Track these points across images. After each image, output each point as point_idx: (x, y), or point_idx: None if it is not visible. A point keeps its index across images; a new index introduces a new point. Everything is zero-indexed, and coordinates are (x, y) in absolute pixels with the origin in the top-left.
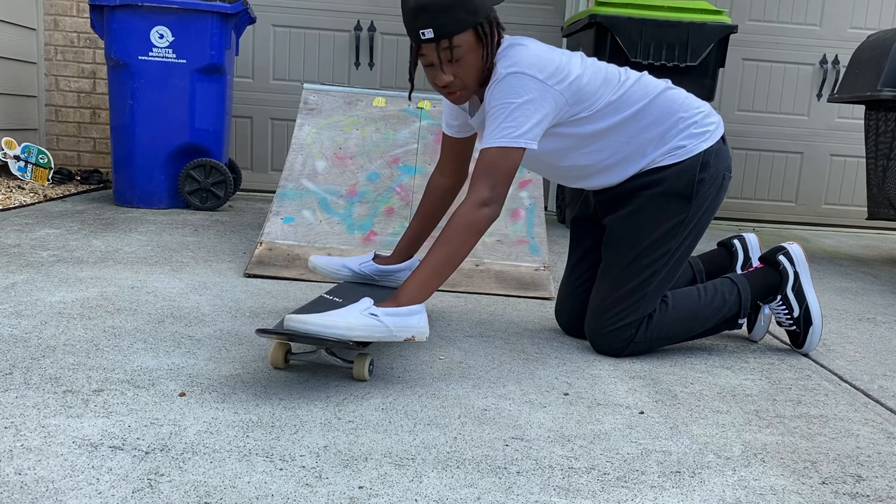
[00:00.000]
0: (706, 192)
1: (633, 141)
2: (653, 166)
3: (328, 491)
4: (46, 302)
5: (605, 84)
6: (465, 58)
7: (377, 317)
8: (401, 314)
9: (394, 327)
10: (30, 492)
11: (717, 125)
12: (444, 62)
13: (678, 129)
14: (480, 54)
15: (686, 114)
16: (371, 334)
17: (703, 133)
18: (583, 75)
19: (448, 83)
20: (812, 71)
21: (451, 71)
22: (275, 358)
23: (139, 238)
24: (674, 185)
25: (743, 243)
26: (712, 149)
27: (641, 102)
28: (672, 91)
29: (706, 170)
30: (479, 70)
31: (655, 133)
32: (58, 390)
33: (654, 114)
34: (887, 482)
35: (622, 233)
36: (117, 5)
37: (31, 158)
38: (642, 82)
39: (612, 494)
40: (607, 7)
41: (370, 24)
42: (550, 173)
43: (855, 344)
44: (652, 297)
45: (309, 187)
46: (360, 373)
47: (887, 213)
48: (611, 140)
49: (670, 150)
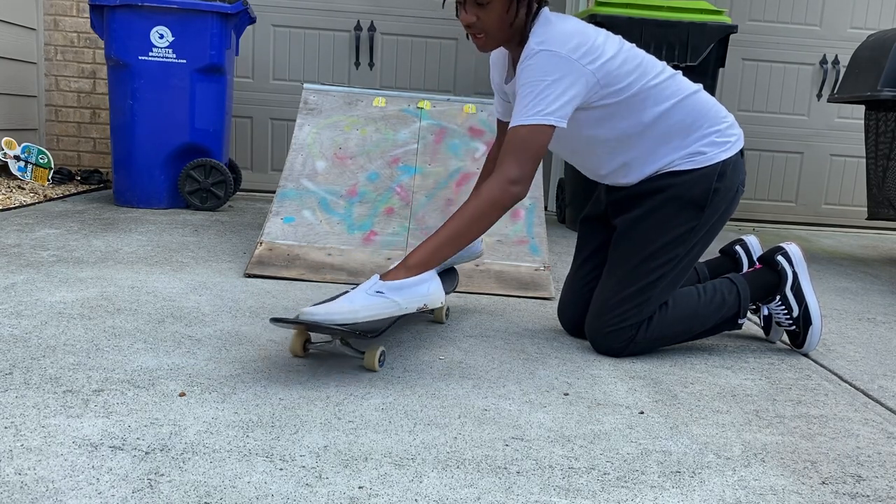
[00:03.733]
0: (719, 202)
1: (656, 137)
2: (670, 169)
3: (328, 491)
4: (46, 302)
5: (640, 71)
6: (492, 5)
7: (383, 294)
8: (407, 286)
9: (402, 301)
10: (30, 492)
11: (738, 137)
12: (469, 2)
13: (701, 135)
14: (508, 7)
15: (712, 121)
16: (378, 312)
17: (724, 143)
18: (616, 56)
19: (470, 23)
20: (812, 71)
21: (474, 12)
22: (294, 346)
23: (139, 238)
24: (689, 191)
25: (745, 248)
26: (731, 160)
27: (672, 100)
28: (703, 95)
29: (722, 180)
30: (503, 22)
31: (679, 133)
32: (58, 390)
33: (681, 113)
34: (887, 482)
35: (631, 234)
36: (117, 5)
37: (31, 158)
38: (676, 79)
39: (612, 494)
40: (607, 7)
41: (370, 24)
42: (573, 158)
43: (855, 344)
44: (655, 301)
45: (309, 187)
46: (370, 363)
47: (887, 213)
48: (635, 131)
49: (690, 155)
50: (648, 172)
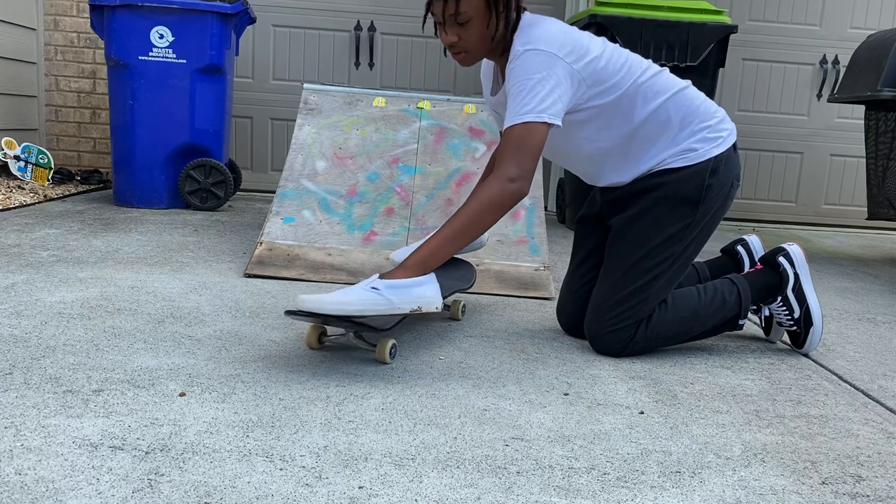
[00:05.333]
0: (714, 198)
1: (647, 135)
2: (663, 167)
3: (328, 491)
4: (46, 302)
5: (627, 69)
6: (472, 23)
7: (378, 290)
8: (404, 286)
9: (396, 300)
10: (30, 492)
11: (730, 132)
12: (448, 23)
13: (692, 131)
14: (488, 22)
15: (702, 116)
16: (369, 308)
17: (716, 138)
18: (601, 56)
19: (452, 43)
20: (812, 71)
21: (455, 32)
22: (310, 339)
23: (139, 238)
24: (682, 188)
25: (746, 248)
26: (723, 155)
27: (661, 97)
28: (691, 91)
29: (715, 176)
30: (484, 38)
31: (670, 131)
32: (58, 390)
33: (671, 110)
34: (887, 482)
35: (627, 234)
36: (117, 5)
37: (31, 158)
38: (663, 76)
39: (612, 494)
40: (607, 7)
41: (370, 24)
42: (566, 162)
43: (855, 344)
44: (653, 300)
45: (309, 187)
46: (381, 355)
47: (887, 213)
48: (626, 130)
49: (682, 152)
50: (641, 171)
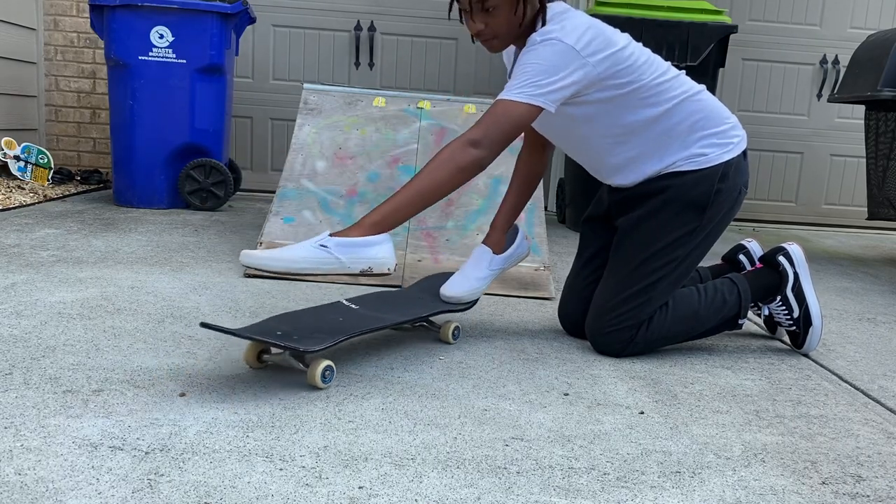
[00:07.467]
0: (721, 203)
1: (658, 136)
2: (672, 170)
3: (328, 491)
4: (46, 302)
5: (647, 66)
6: (498, 10)
7: (327, 248)
8: (356, 245)
9: (346, 259)
10: (30, 492)
11: (741, 139)
12: (475, 11)
13: (703, 136)
14: (515, 9)
15: (714, 122)
16: (317, 266)
17: (726, 144)
18: (627, 47)
19: (478, 31)
20: (812, 71)
21: (481, 20)
22: (248, 357)
23: (139, 238)
24: (690, 192)
25: (748, 256)
26: (733, 161)
27: (675, 100)
28: (706, 96)
29: (724, 181)
30: (511, 25)
31: (681, 134)
32: (58, 390)
33: (683, 113)
34: (887, 482)
35: (633, 235)
36: (117, 5)
37: (31, 158)
38: (680, 79)
39: (612, 494)
40: (607, 7)
41: (370, 24)
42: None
43: (855, 344)
44: (655, 302)
45: (309, 187)
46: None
47: (887, 213)
48: (636, 127)
49: (692, 156)
50: (650, 173)
